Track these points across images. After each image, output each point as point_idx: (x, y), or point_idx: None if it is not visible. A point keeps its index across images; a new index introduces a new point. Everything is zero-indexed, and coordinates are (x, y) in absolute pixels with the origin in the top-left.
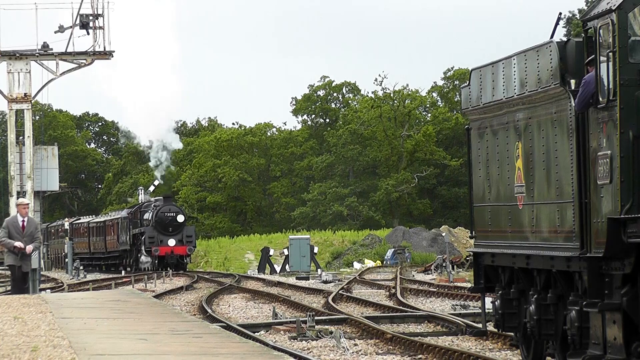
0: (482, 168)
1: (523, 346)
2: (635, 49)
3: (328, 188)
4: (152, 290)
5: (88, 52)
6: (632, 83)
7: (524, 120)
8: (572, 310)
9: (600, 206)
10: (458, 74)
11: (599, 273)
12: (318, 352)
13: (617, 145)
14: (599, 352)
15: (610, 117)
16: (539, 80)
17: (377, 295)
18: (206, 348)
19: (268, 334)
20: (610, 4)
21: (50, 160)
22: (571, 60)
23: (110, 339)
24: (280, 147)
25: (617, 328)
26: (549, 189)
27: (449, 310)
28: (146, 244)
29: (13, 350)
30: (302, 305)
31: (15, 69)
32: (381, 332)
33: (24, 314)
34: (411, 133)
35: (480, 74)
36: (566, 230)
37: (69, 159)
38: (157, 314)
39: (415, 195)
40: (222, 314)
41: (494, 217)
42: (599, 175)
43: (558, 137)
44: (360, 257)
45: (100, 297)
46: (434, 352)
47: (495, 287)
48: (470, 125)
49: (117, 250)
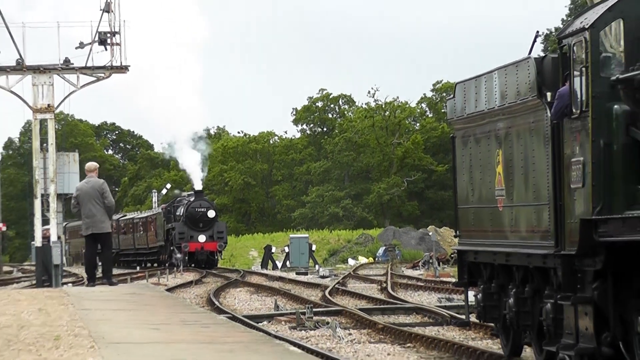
0: (465, 173)
1: (503, 336)
2: (606, 64)
3: (325, 191)
4: (165, 284)
5: (106, 67)
6: (603, 96)
7: (504, 129)
8: (547, 303)
9: (574, 208)
10: (444, 87)
11: (572, 269)
12: (316, 340)
13: (589, 153)
14: (571, 341)
15: (583, 126)
16: (518, 93)
17: (370, 289)
18: (214, 337)
19: (270, 324)
20: (584, 23)
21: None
22: (547, 74)
23: (126, 329)
24: (282, 153)
25: (588, 319)
26: (526, 192)
27: (435, 303)
28: (176, 239)
29: (37, 339)
30: (301, 298)
31: (39, 82)
32: (373, 322)
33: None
34: (401, 141)
35: (464, 87)
36: (542, 230)
37: None
38: (169, 306)
39: (404, 198)
40: (229, 306)
41: (476, 218)
42: (572, 179)
43: (535, 145)
44: (354, 254)
45: (117, 290)
46: (422, 341)
47: (477, 282)
48: (455, 134)
49: (156, 245)
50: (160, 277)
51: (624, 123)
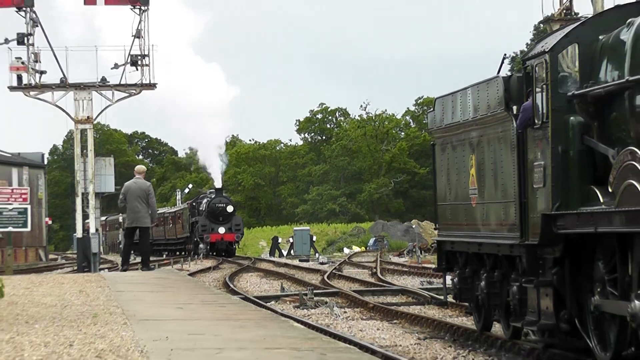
0: (444, 175)
1: (476, 314)
2: (563, 82)
3: (324, 190)
4: (187, 269)
5: (137, 84)
6: (561, 109)
7: (476, 137)
8: (513, 286)
9: (536, 205)
10: (425, 101)
11: (535, 257)
12: (316, 318)
13: (549, 158)
14: (534, 318)
15: (544, 135)
16: (489, 107)
17: (362, 274)
18: (229, 315)
19: (277, 304)
20: (544, 47)
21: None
22: (514, 91)
23: (154, 308)
24: (287, 158)
25: (548, 300)
26: (496, 191)
27: (418, 285)
28: (199, 231)
29: (78, 316)
30: (303, 282)
31: (80, 98)
32: (365, 302)
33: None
34: (389, 147)
35: (442, 102)
36: (509, 224)
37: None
38: (190, 288)
39: (392, 196)
40: (241, 288)
41: (453, 213)
42: (535, 180)
43: (503, 151)
44: (348, 244)
45: (146, 275)
46: (406, 318)
47: (454, 267)
48: (434, 142)
49: (183, 237)
50: (183, 264)
51: (579, 132)
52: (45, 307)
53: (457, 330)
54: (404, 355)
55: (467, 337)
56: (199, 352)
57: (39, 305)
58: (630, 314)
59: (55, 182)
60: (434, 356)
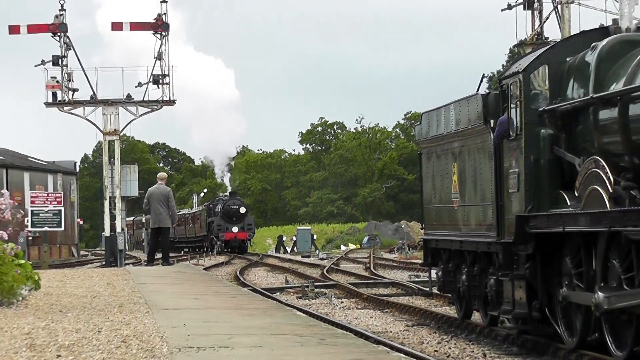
0: (429, 181)
1: (457, 303)
2: (534, 99)
3: (323, 195)
4: (202, 264)
5: (158, 101)
6: (533, 122)
7: (458, 147)
8: (491, 279)
9: (511, 207)
10: (413, 116)
11: (510, 253)
12: (316, 307)
13: (522, 166)
14: (509, 307)
15: (518, 146)
16: (469, 120)
17: (357, 268)
18: (240, 304)
19: (282, 295)
20: (518, 68)
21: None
22: (491, 106)
23: (173, 298)
24: (291, 166)
25: (522, 291)
26: (475, 195)
27: (406, 278)
28: (215, 230)
29: (106, 305)
30: (305, 275)
31: (108, 112)
32: (360, 293)
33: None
34: (381, 157)
35: (428, 116)
36: (487, 224)
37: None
38: (205, 281)
39: (383, 200)
40: (250, 281)
41: (437, 214)
42: (510, 186)
43: (482, 160)
44: (345, 242)
45: (166, 269)
46: (396, 307)
47: (438, 262)
48: (421, 151)
49: (201, 235)
50: (199, 259)
51: (549, 143)
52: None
53: (441, 318)
54: (394, 340)
55: (450, 324)
56: (212, 337)
57: (71, 296)
58: (594, 304)
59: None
60: (420, 341)
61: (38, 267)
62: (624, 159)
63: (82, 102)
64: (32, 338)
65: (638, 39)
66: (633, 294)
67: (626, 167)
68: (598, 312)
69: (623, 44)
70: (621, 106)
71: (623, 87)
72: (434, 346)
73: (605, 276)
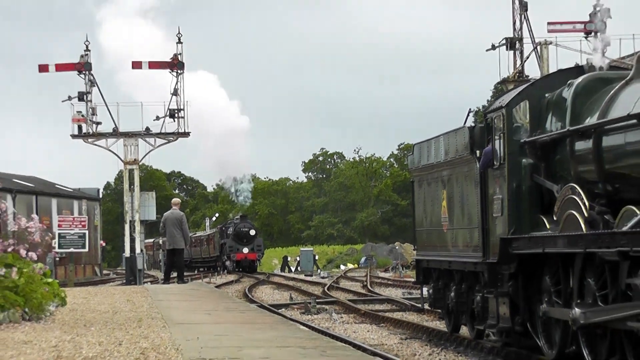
0: (421, 206)
1: (447, 318)
2: (516, 131)
3: (324, 218)
4: (214, 282)
5: (174, 133)
6: (515, 153)
7: (447, 175)
8: (477, 296)
9: (495, 230)
10: (406, 146)
11: (494, 272)
12: (318, 322)
13: (505, 192)
14: (494, 322)
15: (502, 174)
16: (457, 151)
17: (355, 286)
18: (248, 319)
19: (287, 310)
20: (501, 103)
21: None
22: (477, 138)
23: (187, 313)
24: (295, 192)
25: (505, 307)
26: (463, 219)
27: (400, 295)
28: (227, 251)
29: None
30: (308, 292)
31: (128, 144)
32: (358, 309)
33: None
34: (376, 184)
35: (420, 147)
36: (474, 245)
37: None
38: (216, 298)
39: (379, 223)
40: (258, 297)
41: (428, 236)
42: (494, 210)
43: (469, 187)
44: (344, 262)
45: (181, 287)
46: (391, 321)
47: (429, 281)
48: (413, 179)
49: (214, 255)
50: (211, 278)
51: (530, 172)
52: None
53: (432, 332)
54: (389, 352)
55: (440, 337)
56: (223, 350)
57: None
58: (571, 319)
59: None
60: (413, 353)
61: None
62: (598, 186)
63: (105, 135)
64: (58, 350)
65: (610, 77)
66: (607, 309)
67: (600, 193)
68: (575, 327)
69: (597, 81)
70: (595, 138)
71: (597, 121)
72: (425, 357)
73: (582, 293)
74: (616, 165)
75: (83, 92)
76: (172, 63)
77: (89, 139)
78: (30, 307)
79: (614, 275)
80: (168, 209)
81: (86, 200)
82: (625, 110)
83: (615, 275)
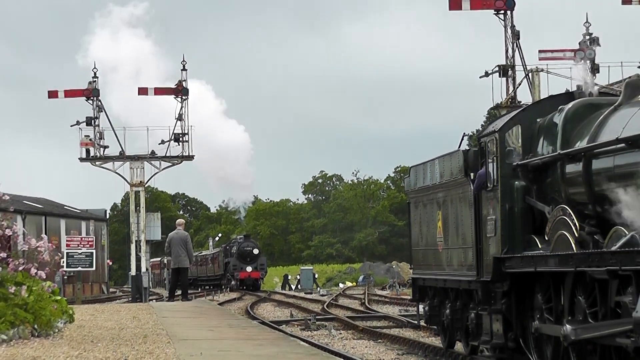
0: (417, 226)
1: (442, 334)
2: (509, 155)
3: (324, 239)
4: (217, 300)
5: (179, 156)
6: (508, 175)
7: (442, 197)
8: (471, 313)
9: (489, 250)
10: (403, 169)
11: (488, 290)
12: (318, 338)
13: (499, 213)
14: (488, 338)
15: (495, 196)
16: (452, 173)
17: (354, 303)
18: (250, 335)
19: (287, 327)
20: (494, 127)
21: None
22: (471, 161)
23: (191, 330)
24: (295, 213)
25: (499, 324)
26: (457, 239)
27: (397, 312)
28: (231, 270)
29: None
30: (308, 309)
31: (134, 166)
32: (356, 325)
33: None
34: (374, 205)
35: (416, 170)
36: (468, 264)
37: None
38: (219, 315)
39: (376, 243)
40: (259, 314)
41: (424, 256)
42: (487, 231)
43: (463, 208)
44: (343, 280)
45: (185, 304)
46: (388, 337)
47: (425, 298)
48: (410, 201)
49: (219, 274)
50: (214, 295)
51: (522, 194)
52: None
53: (428, 347)
54: None
55: (436, 353)
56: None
57: (101, 328)
58: (562, 335)
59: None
60: None
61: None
62: (587, 207)
63: (112, 158)
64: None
65: (599, 102)
66: (597, 326)
67: (590, 214)
68: (566, 343)
69: (586, 107)
70: (585, 161)
71: (587, 145)
72: None
73: (572, 310)
74: (605, 188)
75: (91, 117)
76: (177, 89)
77: (96, 162)
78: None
79: (604, 293)
80: (173, 229)
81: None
82: (614, 134)
83: (605, 293)
